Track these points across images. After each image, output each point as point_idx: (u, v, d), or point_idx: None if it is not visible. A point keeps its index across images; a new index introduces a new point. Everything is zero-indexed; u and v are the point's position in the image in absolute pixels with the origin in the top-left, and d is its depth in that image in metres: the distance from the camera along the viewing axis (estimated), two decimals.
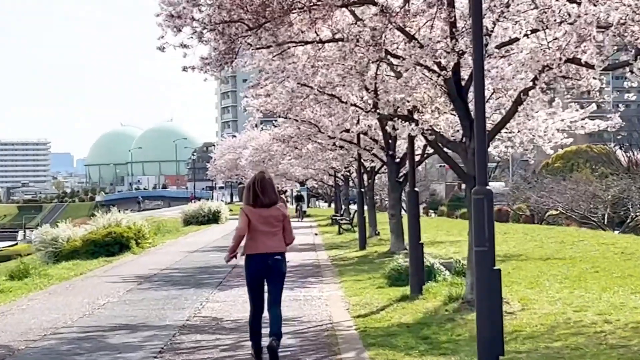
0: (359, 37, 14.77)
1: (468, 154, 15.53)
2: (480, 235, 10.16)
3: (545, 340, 12.37)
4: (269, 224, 11.74)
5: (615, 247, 27.97)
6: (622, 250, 26.68)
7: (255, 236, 11.71)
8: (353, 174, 44.41)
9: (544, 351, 11.64)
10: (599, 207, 58.41)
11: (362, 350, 12.45)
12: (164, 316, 16.71)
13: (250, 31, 14.40)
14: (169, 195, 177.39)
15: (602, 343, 11.96)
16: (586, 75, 14.63)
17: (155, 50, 14.63)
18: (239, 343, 13.59)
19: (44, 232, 34.45)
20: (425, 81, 15.53)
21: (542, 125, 19.24)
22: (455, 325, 13.91)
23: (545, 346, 11.98)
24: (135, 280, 23.64)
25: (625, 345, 11.78)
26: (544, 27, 13.66)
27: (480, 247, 10.18)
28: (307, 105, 24.94)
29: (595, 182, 61.09)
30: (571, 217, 60.33)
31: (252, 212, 11.68)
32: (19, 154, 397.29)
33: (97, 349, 13.44)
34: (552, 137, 20.30)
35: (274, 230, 11.77)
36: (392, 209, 30.38)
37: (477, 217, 10.23)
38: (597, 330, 12.93)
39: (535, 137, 20.17)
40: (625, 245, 28.82)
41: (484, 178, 10.30)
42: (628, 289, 17.21)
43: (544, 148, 20.97)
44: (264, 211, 11.68)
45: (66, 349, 13.60)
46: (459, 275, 19.31)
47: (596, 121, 21.03)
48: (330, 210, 76.11)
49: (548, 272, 20.87)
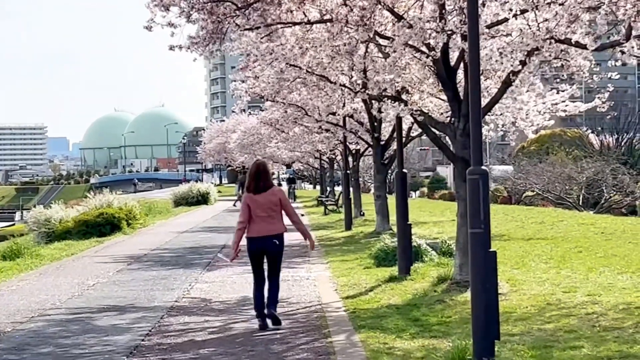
0: (347, 17, 14.04)
1: (457, 135, 14.84)
2: (476, 217, 9.41)
3: (537, 322, 11.66)
4: (267, 209, 12.30)
5: (595, 227, 27.37)
6: (602, 231, 26.07)
7: (256, 220, 12.30)
8: (338, 157, 43.76)
9: (538, 334, 10.93)
10: (573, 188, 58.12)
11: (352, 333, 11.72)
12: (153, 297, 15.97)
13: (238, 11, 13.62)
14: (161, 177, 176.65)
15: (595, 325, 11.25)
16: (575, 56, 13.94)
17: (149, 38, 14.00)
18: (228, 325, 12.91)
19: (37, 213, 33.74)
20: (415, 62, 14.81)
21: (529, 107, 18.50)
22: (445, 307, 13.20)
23: (538, 328, 11.27)
24: (125, 260, 22.91)
25: (619, 327, 11.06)
26: (533, 7, 12.92)
27: (476, 229, 9.44)
28: (294, 89, 24.39)
29: (570, 165, 60.75)
30: (547, 198, 59.92)
31: (252, 199, 12.30)
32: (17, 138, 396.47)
33: (84, 332, 12.69)
34: (533, 120, 19.62)
35: (272, 214, 12.33)
36: (377, 190, 30.06)
37: (472, 198, 9.48)
38: (588, 311, 12.22)
39: (518, 119, 19.51)
40: (605, 225, 28.20)
41: (479, 158, 9.54)
42: (614, 269, 16.52)
43: (526, 131, 20.32)
44: (262, 197, 12.27)
45: (53, 331, 12.85)
46: (445, 255, 18.71)
47: (577, 103, 20.47)
48: (316, 191, 75.49)
49: (532, 252, 20.20)
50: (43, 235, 32.22)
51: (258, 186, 12.31)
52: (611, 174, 57.48)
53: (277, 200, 12.39)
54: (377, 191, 30.08)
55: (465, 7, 12.73)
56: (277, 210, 12.39)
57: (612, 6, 12.18)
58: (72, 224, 32.28)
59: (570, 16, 12.49)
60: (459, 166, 15.01)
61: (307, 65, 17.52)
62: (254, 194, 12.31)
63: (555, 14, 12.69)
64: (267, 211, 12.32)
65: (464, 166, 14.75)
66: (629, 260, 17.73)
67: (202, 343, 11.56)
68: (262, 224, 12.31)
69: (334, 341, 11.24)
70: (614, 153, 68.77)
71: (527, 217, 33.96)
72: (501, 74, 14.58)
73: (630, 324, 11.23)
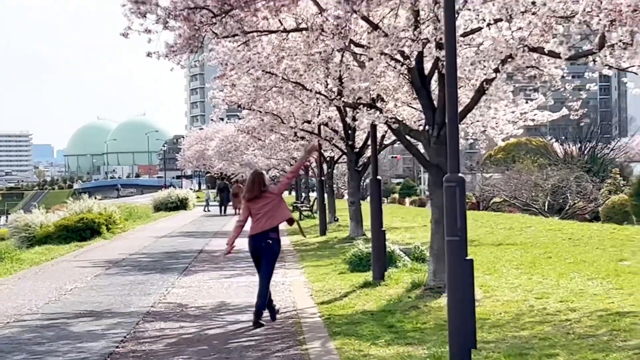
0: (323, 26, 13.58)
1: (431, 142, 14.40)
2: (452, 225, 8.97)
3: (512, 329, 11.20)
4: (261, 210, 12.69)
5: (562, 233, 27.04)
6: (569, 236, 25.74)
7: (255, 221, 12.75)
8: (313, 164, 43.31)
9: (512, 341, 10.47)
10: (539, 195, 58.06)
11: (327, 340, 11.22)
12: (129, 302, 15.41)
13: (215, 18, 13.11)
14: (142, 183, 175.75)
15: (570, 332, 10.80)
16: (548, 65, 13.55)
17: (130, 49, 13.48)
18: (203, 331, 12.38)
19: (16, 218, 33.08)
20: (390, 70, 14.36)
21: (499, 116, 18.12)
22: (419, 313, 12.72)
23: (512, 335, 10.81)
24: (104, 265, 22.33)
25: (594, 334, 10.62)
26: (507, 16, 12.49)
27: (453, 237, 8.98)
28: (270, 97, 23.94)
29: (535, 172, 60.69)
30: (514, 204, 59.78)
31: (250, 204, 12.79)
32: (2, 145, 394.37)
33: (59, 338, 12.12)
34: (503, 128, 19.29)
35: (267, 214, 12.67)
36: (351, 196, 29.86)
37: (449, 205, 9.03)
38: (562, 318, 11.77)
39: (488, 128, 19.16)
40: (571, 231, 27.88)
41: (456, 165, 9.08)
42: (583, 275, 16.12)
43: (495, 139, 20.01)
44: (257, 202, 12.71)
45: (27, 338, 12.25)
46: (418, 261, 18.30)
47: (546, 112, 20.19)
48: (291, 197, 75.07)
49: (503, 257, 19.79)
50: (24, 239, 31.57)
51: (252, 194, 12.74)
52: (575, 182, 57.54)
53: (269, 200, 12.73)
54: (351, 197, 29.82)
55: (439, 15, 12.33)
56: (270, 208, 12.72)
57: (586, 16, 11.77)
58: (52, 228, 31.71)
59: (544, 25, 12.07)
60: (433, 173, 14.58)
61: (283, 73, 17.06)
62: (249, 201, 12.77)
63: (529, 23, 12.28)
64: (261, 212, 12.68)
65: (438, 173, 14.33)
66: (597, 266, 17.35)
67: (177, 350, 11.02)
68: (259, 224, 12.69)
69: (309, 348, 10.75)
70: (578, 161, 68.80)
71: (496, 222, 33.62)
72: (475, 82, 14.14)
73: (605, 331, 10.80)
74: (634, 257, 19.12)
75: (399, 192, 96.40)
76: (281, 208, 12.85)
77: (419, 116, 18.50)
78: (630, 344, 9.99)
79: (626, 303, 12.75)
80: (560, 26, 12.47)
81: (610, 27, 11.63)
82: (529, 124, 20.07)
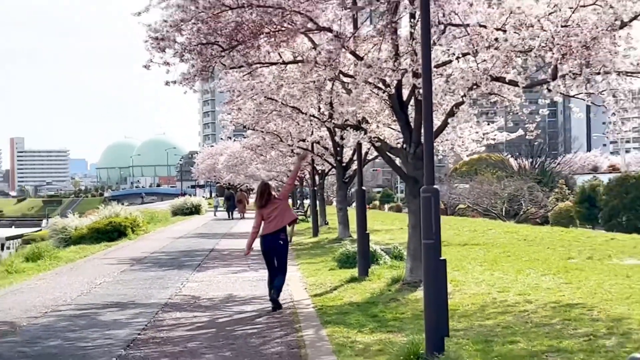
0: (316, 59, 13.39)
1: (408, 158, 14.20)
2: (428, 230, 8.76)
3: (478, 319, 10.98)
4: (272, 214, 12.73)
5: (518, 235, 26.88)
6: (524, 238, 25.58)
7: (266, 223, 12.77)
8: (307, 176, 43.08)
9: (479, 329, 10.25)
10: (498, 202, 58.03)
11: (320, 328, 10.98)
12: (150, 295, 15.14)
13: (224, 52, 12.91)
14: (162, 192, 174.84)
15: (528, 322, 10.58)
16: (508, 93, 13.36)
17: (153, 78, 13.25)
18: (213, 320, 12.14)
19: (55, 221, 32.78)
20: (373, 96, 14.16)
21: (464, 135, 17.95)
22: (398, 305, 12.49)
23: (479, 324, 10.59)
24: (129, 262, 22.04)
25: (548, 323, 10.41)
26: (473, 50, 12.31)
27: (428, 240, 8.78)
28: (271, 119, 23.77)
29: (494, 183, 60.68)
30: (476, 210, 59.70)
31: (260, 212, 12.82)
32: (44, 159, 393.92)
33: (90, 326, 11.87)
34: (469, 146, 19.14)
35: (277, 217, 12.73)
36: (339, 203, 29.74)
37: (425, 213, 8.82)
38: (521, 309, 11.56)
39: (455, 145, 19.02)
40: (526, 233, 27.73)
41: (431, 178, 8.88)
42: (538, 271, 15.92)
43: (462, 155, 19.88)
44: (268, 207, 12.75)
45: (62, 326, 11.99)
46: (396, 259, 18.08)
47: (503, 133, 20.11)
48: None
49: (468, 256, 19.58)
50: (61, 240, 31.26)
51: (262, 202, 12.76)
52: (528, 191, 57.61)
53: (277, 205, 12.79)
54: (339, 204, 29.66)
55: (417, 49, 12.14)
56: (279, 212, 12.77)
57: (542, 50, 11.60)
58: (85, 230, 31.40)
59: (505, 58, 11.88)
60: (409, 184, 14.37)
61: (282, 99, 16.86)
62: (260, 208, 12.79)
63: (492, 56, 12.09)
64: (272, 216, 12.72)
65: (414, 184, 14.14)
66: (549, 264, 17.17)
67: (190, 337, 10.78)
68: (270, 225, 12.72)
69: (304, 335, 10.51)
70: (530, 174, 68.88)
71: (461, 226, 33.44)
72: (446, 107, 13.94)
73: (558, 320, 10.59)
74: (580, 256, 18.96)
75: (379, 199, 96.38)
76: (288, 210, 12.94)
77: (397, 135, 18.33)
78: (579, 331, 9.79)
79: (575, 296, 12.55)
80: (519, 59, 12.29)
81: (562, 60, 11.47)
82: (491, 143, 19.93)
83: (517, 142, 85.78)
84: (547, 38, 11.33)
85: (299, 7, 12.42)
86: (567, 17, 11.61)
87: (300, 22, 12.70)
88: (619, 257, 18.49)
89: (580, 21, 11.53)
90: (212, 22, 12.44)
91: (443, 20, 12.45)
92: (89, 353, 9.95)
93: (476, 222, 37.51)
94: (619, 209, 48.94)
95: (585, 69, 11.43)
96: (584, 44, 11.08)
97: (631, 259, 17.92)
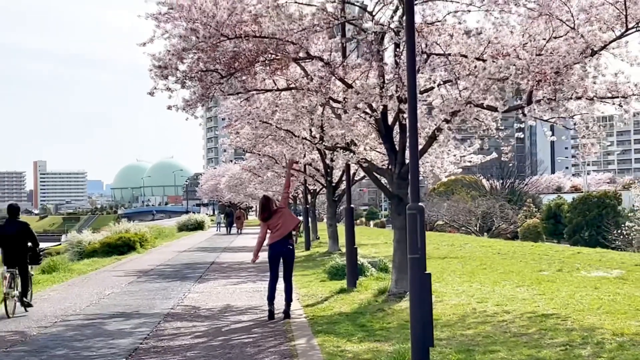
0: (308, 85, 12.94)
1: (393, 178, 13.71)
2: (414, 245, 8.24)
3: (459, 329, 10.46)
4: (278, 222, 12.16)
5: (492, 249, 26.38)
6: (498, 251, 25.07)
7: (273, 232, 12.19)
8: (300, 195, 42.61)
9: (461, 339, 9.73)
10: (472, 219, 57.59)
11: (311, 337, 10.44)
12: (154, 305, 14.56)
13: (223, 79, 12.43)
14: (170, 210, 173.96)
15: (507, 331, 10.07)
16: (485, 118, 12.93)
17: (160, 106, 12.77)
18: (211, 330, 11.55)
19: (71, 237, 32.16)
20: (361, 120, 13.70)
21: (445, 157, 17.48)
22: (385, 315, 11.96)
23: (460, 334, 10.07)
24: (136, 274, 21.45)
25: (526, 333, 9.91)
26: (455, 78, 11.89)
27: (414, 255, 8.25)
28: (267, 143, 23.33)
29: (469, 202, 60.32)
30: (452, 226, 59.25)
31: (267, 223, 12.23)
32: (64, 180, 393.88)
33: (95, 335, 11.28)
34: (447, 168, 18.69)
35: (283, 225, 12.16)
36: (329, 220, 29.35)
37: (411, 229, 8.31)
38: (499, 319, 11.05)
39: (435, 167, 18.54)
40: (499, 247, 27.23)
41: (416, 197, 8.39)
42: (512, 282, 15.44)
43: (440, 176, 19.38)
44: (273, 218, 12.18)
45: (70, 335, 11.39)
46: (382, 271, 17.56)
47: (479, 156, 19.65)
48: None
49: (448, 268, 19.08)
50: (75, 253, 30.61)
51: (265, 215, 12.23)
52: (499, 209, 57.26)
53: (280, 213, 12.25)
54: (329, 221, 29.27)
55: (402, 76, 11.70)
56: (285, 219, 12.23)
57: (517, 78, 11.18)
58: (98, 245, 30.79)
59: (484, 85, 11.45)
60: (394, 202, 13.88)
61: (276, 122, 16.37)
62: (265, 221, 12.25)
63: (473, 83, 11.66)
64: (277, 225, 12.19)
65: (399, 202, 13.66)
66: (523, 276, 16.69)
67: (190, 346, 10.21)
68: (277, 233, 12.18)
69: (297, 345, 9.97)
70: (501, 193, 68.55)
71: (440, 241, 32.92)
72: (428, 131, 13.50)
73: (535, 330, 10.09)
74: (550, 268, 18.49)
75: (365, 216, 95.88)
76: (290, 216, 12.41)
77: (382, 158, 17.88)
78: (556, 341, 9.30)
79: (549, 306, 12.07)
80: (496, 86, 11.89)
81: (537, 86, 11.05)
82: (467, 165, 19.50)
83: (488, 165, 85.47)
84: (523, 66, 10.92)
85: (291, 37, 11.97)
86: (541, 46, 11.21)
87: (292, 51, 12.23)
88: (587, 269, 18.01)
89: (553, 50, 11.14)
90: (212, 51, 11.98)
91: (426, 50, 12.02)
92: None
93: (453, 237, 37.01)
94: (582, 225, 48.53)
95: (559, 94, 11.02)
96: (557, 70, 10.66)
97: (598, 271, 17.44)
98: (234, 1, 11.77)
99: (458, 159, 18.77)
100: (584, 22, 11.22)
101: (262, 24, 11.95)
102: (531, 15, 11.29)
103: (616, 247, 36.98)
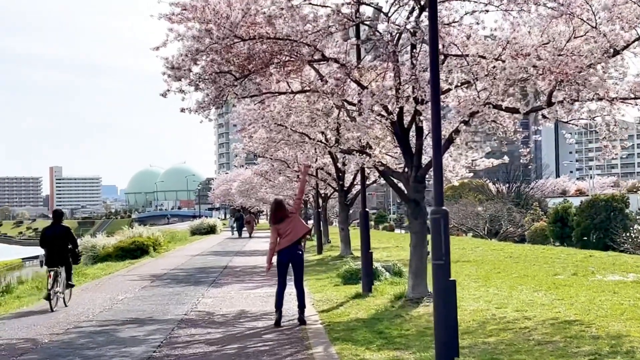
0: (323, 88, 12.43)
1: (410, 182, 13.18)
2: (438, 251, 7.74)
3: (480, 336, 9.89)
4: (288, 227, 11.72)
5: (504, 252, 25.78)
6: (510, 255, 24.48)
7: (283, 238, 11.73)
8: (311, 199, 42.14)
9: (483, 346, 9.16)
10: (480, 222, 57.00)
11: (329, 345, 9.88)
12: (167, 311, 14.05)
13: (237, 81, 11.93)
14: (183, 214, 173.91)
15: (530, 339, 9.50)
16: (502, 120, 12.41)
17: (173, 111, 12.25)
18: (226, 337, 11.01)
19: (86, 241, 31.71)
20: (377, 122, 13.16)
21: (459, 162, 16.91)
22: (403, 321, 11.40)
23: (482, 341, 9.50)
24: (149, 278, 20.96)
25: (551, 341, 9.34)
26: (474, 79, 11.35)
27: (438, 261, 7.75)
28: (279, 148, 22.83)
29: (477, 205, 59.74)
30: (461, 229, 58.68)
31: (277, 227, 11.76)
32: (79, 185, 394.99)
33: (108, 343, 10.76)
34: (459, 172, 18.18)
35: (293, 231, 11.72)
36: (341, 224, 28.82)
37: (435, 234, 7.80)
38: (521, 326, 10.47)
39: (446, 171, 18.01)
40: (510, 251, 26.63)
41: (440, 200, 7.88)
42: (529, 287, 14.87)
43: (452, 181, 18.84)
44: (281, 225, 11.72)
45: (81, 343, 10.87)
46: (396, 275, 17.01)
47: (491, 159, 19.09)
48: None
49: (462, 272, 18.50)
50: (90, 257, 30.18)
51: (276, 219, 11.77)
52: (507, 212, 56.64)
53: (291, 220, 11.77)
54: (341, 224, 28.73)
55: (418, 77, 11.19)
56: (295, 225, 11.77)
57: (538, 79, 10.65)
58: (111, 249, 30.41)
59: (504, 86, 10.92)
60: (411, 206, 13.34)
61: (291, 125, 15.85)
62: (276, 224, 11.78)
63: (492, 84, 11.12)
64: (287, 231, 11.71)
65: (415, 206, 13.14)
66: (539, 280, 16.11)
67: (204, 354, 9.68)
68: (286, 239, 11.71)
69: (314, 353, 9.42)
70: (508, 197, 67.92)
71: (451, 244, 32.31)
72: (445, 133, 12.97)
73: (559, 337, 9.51)
74: (565, 272, 17.89)
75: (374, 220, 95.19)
76: (300, 223, 11.92)
77: (395, 162, 17.36)
78: (583, 350, 8.72)
79: (570, 312, 11.49)
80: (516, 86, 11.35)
81: (559, 86, 10.50)
82: (480, 168, 18.95)
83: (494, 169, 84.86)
84: (544, 66, 10.38)
85: (306, 39, 11.46)
86: (561, 46, 10.67)
87: (307, 53, 11.73)
88: (601, 273, 17.41)
89: (574, 50, 10.60)
90: (226, 52, 11.49)
91: (443, 51, 11.49)
92: None
93: (463, 240, 36.41)
94: (590, 228, 47.84)
95: (581, 94, 10.47)
96: (580, 69, 10.11)
97: (613, 275, 16.84)
98: (248, 2, 11.28)
99: (470, 162, 18.24)
100: (606, 20, 10.67)
101: (277, 26, 11.46)
102: (552, 14, 10.75)
103: (625, 250, 36.31)
